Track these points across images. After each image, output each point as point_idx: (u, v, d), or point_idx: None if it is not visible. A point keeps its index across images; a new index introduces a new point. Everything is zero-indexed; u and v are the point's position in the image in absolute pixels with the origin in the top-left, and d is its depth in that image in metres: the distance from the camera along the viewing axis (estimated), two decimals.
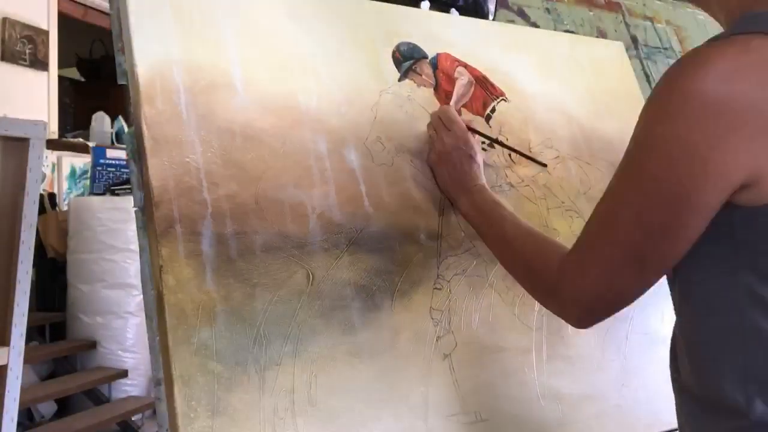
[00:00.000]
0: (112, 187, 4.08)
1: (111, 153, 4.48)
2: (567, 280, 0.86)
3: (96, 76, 7.28)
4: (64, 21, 5.42)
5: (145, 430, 3.66)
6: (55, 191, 4.71)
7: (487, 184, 1.15)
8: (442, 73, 1.28)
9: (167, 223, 0.92)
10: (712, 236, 0.78)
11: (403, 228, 1.10)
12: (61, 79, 5.73)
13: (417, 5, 1.74)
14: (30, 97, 4.97)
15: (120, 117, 5.29)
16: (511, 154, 1.27)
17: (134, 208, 0.95)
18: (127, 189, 3.75)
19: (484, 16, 1.84)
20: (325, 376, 0.96)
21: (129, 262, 3.80)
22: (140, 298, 3.55)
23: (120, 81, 0.99)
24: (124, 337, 3.84)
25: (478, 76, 1.32)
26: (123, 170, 4.31)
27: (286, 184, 1.03)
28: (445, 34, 1.32)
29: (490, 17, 1.84)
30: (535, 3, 1.81)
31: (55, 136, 5.01)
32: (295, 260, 0.99)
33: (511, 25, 1.62)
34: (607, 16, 1.89)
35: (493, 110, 1.30)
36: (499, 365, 1.11)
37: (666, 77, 0.79)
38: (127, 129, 0.99)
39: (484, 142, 1.25)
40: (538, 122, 1.35)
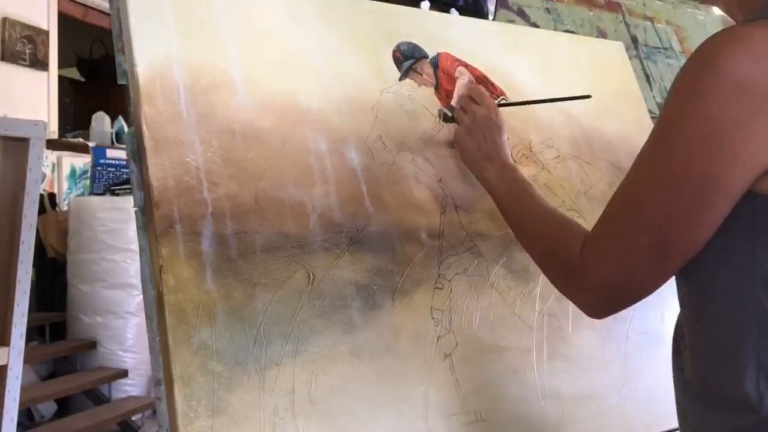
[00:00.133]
0: (112, 187, 4.08)
1: (111, 153, 4.47)
2: (588, 266, 0.83)
3: (96, 76, 7.27)
4: (64, 21, 5.42)
5: (145, 430, 3.66)
6: (55, 191, 4.70)
7: None
8: (443, 73, 1.28)
9: (167, 223, 0.92)
10: (731, 225, 0.76)
11: (404, 227, 1.10)
12: (61, 79, 5.73)
13: (417, 5, 1.74)
14: (30, 97, 4.97)
15: (120, 117, 5.28)
16: (512, 154, 1.27)
17: (134, 208, 0.95)
18: (127, 189, 3.75)
19: (484, 16, 1.84)
20: (326, 375, 0.95)
21: (129, 262, 3.80)
22: (140, 298, 3.55)
23: (120, 81, 0.99)
24: (124, 337, 3.84)
25: (479, 75, 1.32)
26: (123, 170, 4.31)
27: (287, 184, 1.03)
28: (445, 34, 1.32)
29: (490, 17, 1.84)
30: (535, 3, 1.81)
31: (55, 136, 5.01)
32: (295, 260, 0.99)
33: (511, 25, 1.62)
34: (607, 16, 1.89)
35: None
36: (500, 365, 1.11)
37: (698, 54, 0.77)
38: (127, 129, 0.99)
39: None
40: (538, 122, 1.35)
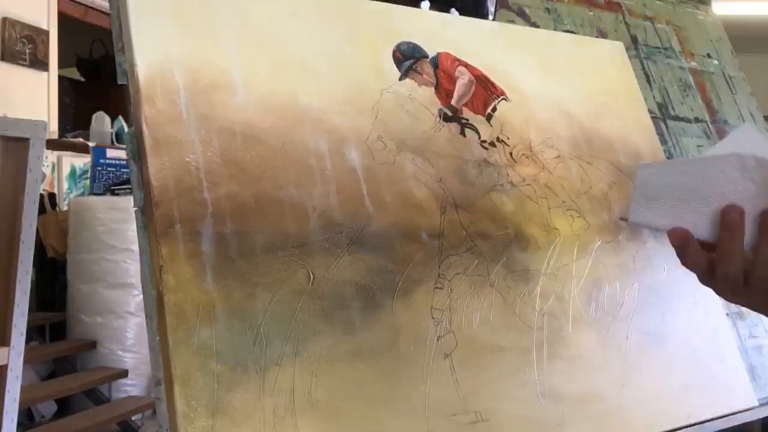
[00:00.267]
0: (112, 187, 4.08)
1: (111, 153, 4.48)
2: None
3: (96, 76, 7.28)
4: (64, 21, 5.42)
5: (145, 430, 3.66)
6: (55, 191, 4.71)
7: (488, 183, 1.14)
8: (443, 72, 1.28)
9: (167, 223, 0.92)
10: None
11: (405, 227, 1.10)
12: (61, 79, 5.73)
13: (417, 5, 1.74)
14: (30, 97, 4.97)
15: (120, 117, 5.29)
16: (512, 153, 1.27)
17: (134, 208, 0.95)
18: (127, 189, 3.75)
19: (484, 16, 1.84)
20: (326, 375, 0.95)
21: (129, 262, 3.80)
22: (140, 298, 3.55)
23: (120, 81, 0.99)
24: (124, 337, 3.84)
25: (479, 75, 1.32)
26: (123, 170, 4.31)
27: (287, 184, 1.03)
28: (445, 34, 1.32)
29: (490, 17, 1.84)
30: (535, 3, 1.81)
31: (55, 136, 5.02)
32: (295, 260, 0.99)
33: (511, 25, 1.62)
34: (607, 16, 1.89)
35: (494, 109, 1.30)
36: (500, 365, 1.11)
37: None
38: (127, 129, 0.99)
39: (484, 141, 1.25)
40: (538, 122, 1.35)
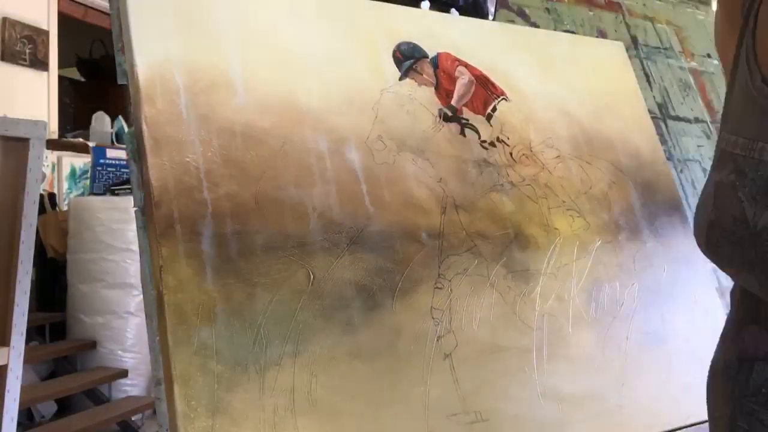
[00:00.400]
0: (112, 187, 4.08)
1: (111, 153, 4.47)
2: None
3: (96, 76, 7.27)
4: (64, 21, 5.42)
5: (145, 430, 3.66)
6: (55, 191, 4.70)
7: (488, 183, 1.15)
8: (443, 72, 1.28)
9: (167, 223, 0.92)
10: None
11: (405, 227, 1.10)
12: (61, 79, 5.72)
13: (417, 5, 1.74)
14: (30, 97, 4.97)
15: (120, 117, 5.28)
16: (512, 153, 1.27)
17: (134, 208, 0.95)
18: (127, 189, 3.75)
19: (484, 16, 1.84)
20: (326, 375, 0.95)
21: (129, 262, 3.80)
22: (140, 298, 3.55)
23: (120, 81, 0.99)
24: (124, 337, 3.84)
25: (479, 75, 1.32)
26: (123, 170, 4.31)
27: (287, 184, 1.03)
28: (445, 34, 1.32)
29: (490, 17, 1.84)
30: (535, 3, 1.81)
31: (55, 136, 5.01)
32: (295, 260, 0.99)
33: (511, 25, 1.62)
34: (607, 16, 1.89)
35: (494, 109, 1.30)
36: (500, 365, 1.11)
37: None
38: (127, 129, 0.99)
39: (484, 141, 1.25)
40: (538, 122, 1.35)
